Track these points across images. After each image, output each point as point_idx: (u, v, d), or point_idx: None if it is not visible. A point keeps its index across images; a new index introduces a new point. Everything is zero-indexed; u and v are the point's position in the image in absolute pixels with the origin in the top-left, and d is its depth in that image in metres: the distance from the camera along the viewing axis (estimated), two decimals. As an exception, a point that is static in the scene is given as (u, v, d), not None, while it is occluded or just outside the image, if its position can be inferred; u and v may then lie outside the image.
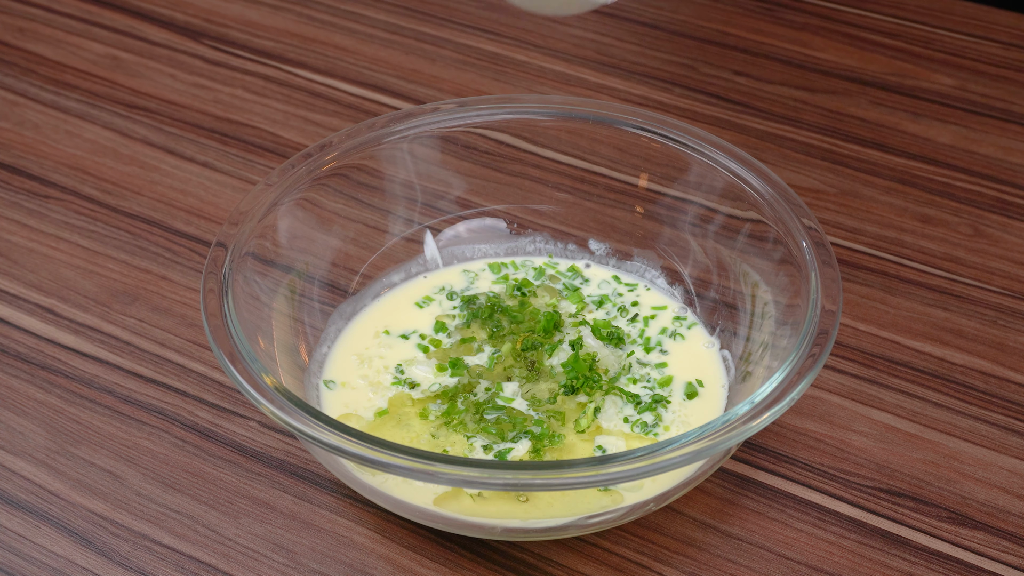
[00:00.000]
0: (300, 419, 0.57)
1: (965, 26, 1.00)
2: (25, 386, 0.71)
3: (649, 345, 0.70)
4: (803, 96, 0.93)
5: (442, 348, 0.69)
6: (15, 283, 0.77)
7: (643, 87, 0.94)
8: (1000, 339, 0.74)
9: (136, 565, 0.63)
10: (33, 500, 0.65)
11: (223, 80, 0.94)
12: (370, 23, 1.00)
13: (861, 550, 0.64)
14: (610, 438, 0.65)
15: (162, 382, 0.72)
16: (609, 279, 0.74)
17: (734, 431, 0.57)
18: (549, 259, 0.75)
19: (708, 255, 0.72)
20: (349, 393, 0.67)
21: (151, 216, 0.82)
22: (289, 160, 0.71)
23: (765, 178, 0.69)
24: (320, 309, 0.71)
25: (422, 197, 0.75)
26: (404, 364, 0.69)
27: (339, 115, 0.91)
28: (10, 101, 0.92)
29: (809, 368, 0.59)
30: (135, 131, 0.89)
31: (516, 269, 0.74)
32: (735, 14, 1.01)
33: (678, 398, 0.67)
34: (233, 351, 0.60)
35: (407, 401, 0.66)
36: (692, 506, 0.65)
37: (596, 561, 0.63)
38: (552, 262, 0.75)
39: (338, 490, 0.66)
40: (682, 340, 0.71)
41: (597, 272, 0.74)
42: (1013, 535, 0.64)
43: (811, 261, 0.65)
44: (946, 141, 0.88)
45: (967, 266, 0.79)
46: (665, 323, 0.71)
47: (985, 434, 0.69)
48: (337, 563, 0.63)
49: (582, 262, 0.75)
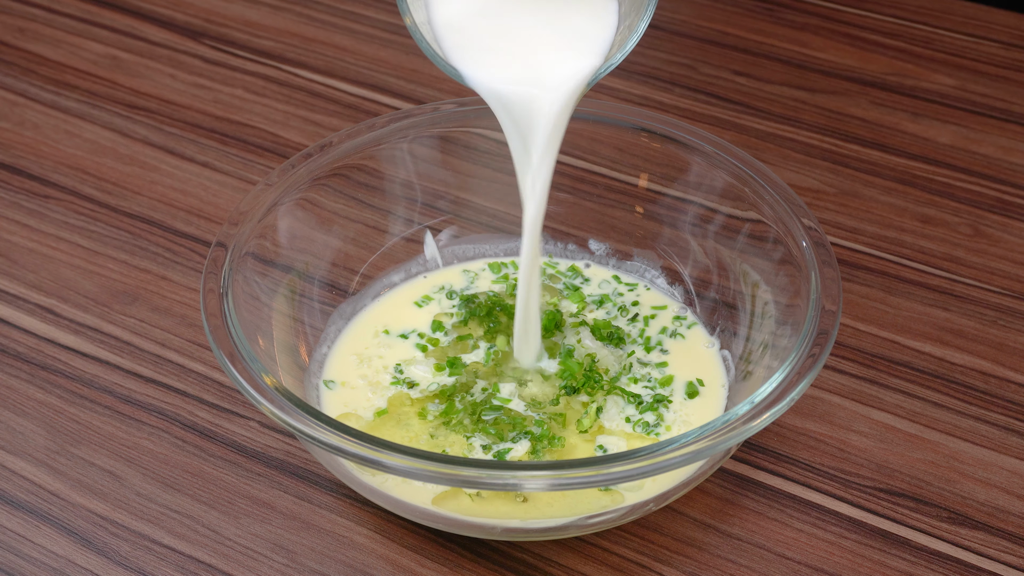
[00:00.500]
0: (300, 419, 0.57)
1: (965, 26, 1.00)
2: (25, 386, 0.71)
3: (649, 345, 0.70)
4: (803, 96, 0.93)
5: (440, 347, 0.69)
6: (15, 283, 0.77)
7: (643, 87, 0.94)
8: (1000, 339, 0.74)
9: (136, 565, 0.63)
10: (33, 500, 0.65)
11: (223, 80, 0.94)
12: (370, 23, 1.00)
13: (861, 550, 0.64)
14: (612, 438, 0.65)
15: (162, 382, 0.71)
16: (609, 279, 0.74)
17: (734, 431, 0.57)
18: (549, 259, 0.75)
19: (708, 255, 0.72)
20: (349, 393, 0.67)
21: (151, 216, 0.82)
22: (289, 160, 0.71)
23: (765, 178, 0.69)
24: (320, 309, 0.71)
25: (422, 197, 0.75)
26: (403, 364, 0.69)
27: (339, 115, 0.91)
28: (10, 101, 0.92)
29: (809, 368, 0.59)
30: (135, 131, 0.89)
31: (516, 269, 0.74)
32: (735, 14, 1.01)
33: (679, 397, 0.67)
34: (233, 351, 0.60)
35: (406, 401, 0.66)
36: (692, 506, 0.65)
37: (596, 561, 0.63)
38: (552, 262, 0.75)
39: (338, 490, 0.66)
40: (682, 340, 0.71)
41: (597, 272, 0.74)
42: (1013, 535, 0.64)
43: (811, 261, 0.65)
44: (946, 141, 0.88)
45: (967, 266, 0.79)
46: (665, 323, 0.71)
47: (985, 434, 0.69)
48: (337, 563, 0.63)
49: (582, 262, 0.75)
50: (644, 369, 0.68)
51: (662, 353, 0.70)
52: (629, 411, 0.66)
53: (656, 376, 0.68)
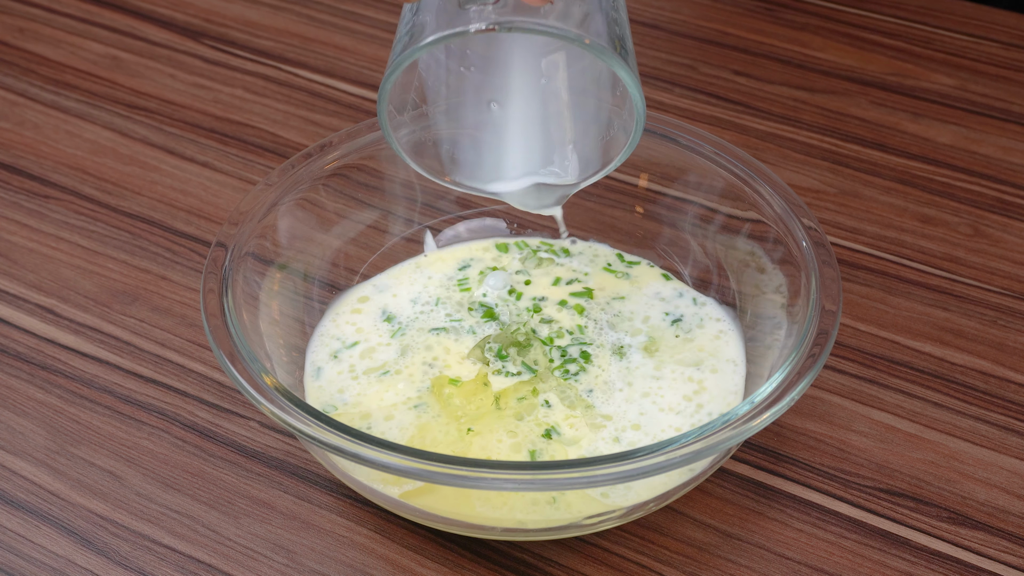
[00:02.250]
0: (300, 419, 0.57)
1: (965, 26, 1.00)
2: (25, 386, 0.71)
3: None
4: (803, 96, 0.93)
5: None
6: (15, 283, 0.77)
7: (643, 87, 0.93)
8: (1000, 339, 0.74)
9: (136, 565, 0.63)
10: (33, 500, 0.65)
11: (223, 80, 0.94)
12: (370, 23, 1.00)
13: (861, 550, 0.64)
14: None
15: (162, 382, 0.72)
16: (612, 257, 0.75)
17: (734, 431, 0.57)
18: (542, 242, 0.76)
19: (708, 255, 0.72)
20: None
21: (151, 216, 0.82)
22: (289, 160, 0.71)
23: (765, 178, 0.69)
24: (320, 309, 0.71)
25: (422, 197, 0.75)
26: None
27: (339, 115, 0.91)
28: (10, 101, 0.92)
29: (809, 368, 0.59)
30: (135, 131, 0.89)
31: (521, 249, 0.75)
32: (735, 14, 1.01)
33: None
34: (233, 351, 0.60)
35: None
36: (692, 506, 0.65)
37: (596, 561, 0.63)
38: (548, 242, 0.75)
39: (338, 490, 0.66)
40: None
41: (595, 248, 0.75)
42: (1013, 535, 0.64)
43: (811, 261, 0.65)
44: (946, 141, 0.88)
45: (967, 266, 0.79)
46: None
47: (985, 434, 0.69)
48: (337, 563, 0.63)
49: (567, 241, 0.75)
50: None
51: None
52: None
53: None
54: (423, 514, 0.61)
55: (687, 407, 0.65)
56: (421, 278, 0.73)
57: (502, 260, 0.74)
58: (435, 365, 0.68)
